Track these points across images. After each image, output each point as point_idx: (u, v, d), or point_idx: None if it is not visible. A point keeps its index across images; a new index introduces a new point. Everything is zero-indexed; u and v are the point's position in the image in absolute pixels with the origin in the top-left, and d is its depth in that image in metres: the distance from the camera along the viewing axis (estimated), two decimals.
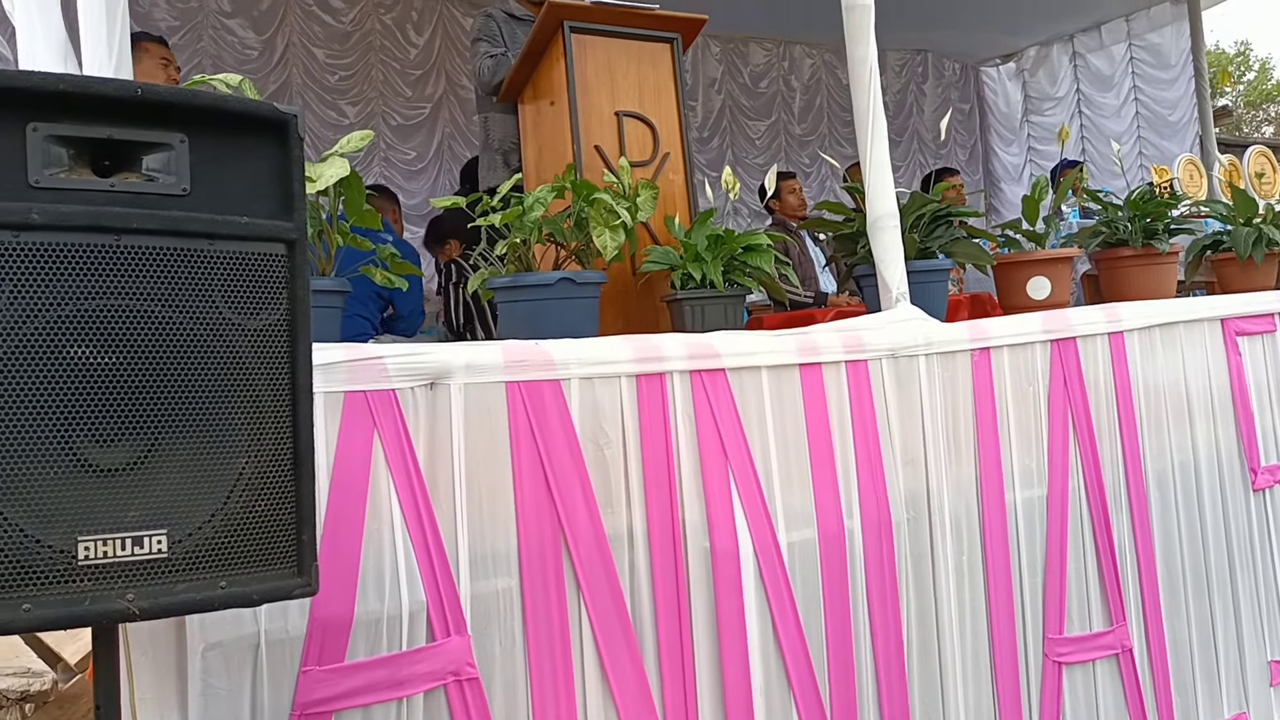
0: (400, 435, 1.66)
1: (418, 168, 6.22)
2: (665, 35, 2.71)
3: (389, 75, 6.11)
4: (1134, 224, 2.93)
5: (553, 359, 1.85)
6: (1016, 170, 8.39)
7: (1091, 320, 2.56)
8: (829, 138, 7.80)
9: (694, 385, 2.01)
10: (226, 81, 1.65)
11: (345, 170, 1.67)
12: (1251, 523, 2.82)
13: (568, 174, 2.21)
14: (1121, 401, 2.58)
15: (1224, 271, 3.26)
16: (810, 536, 2.11)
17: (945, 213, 2.65)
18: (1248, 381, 2.86)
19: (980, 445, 2.36)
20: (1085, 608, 2.47)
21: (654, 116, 2.68)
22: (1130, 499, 2.56)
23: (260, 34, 5.72)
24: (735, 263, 2.40)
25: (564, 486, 1.82)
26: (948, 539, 2.28)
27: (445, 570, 1.67)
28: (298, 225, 1.11)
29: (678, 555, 1.95)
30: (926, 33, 7.66)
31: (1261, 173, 3.82)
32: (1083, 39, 7.91)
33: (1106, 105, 7.76)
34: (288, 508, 1.09)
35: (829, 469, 2.16)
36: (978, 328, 2.41)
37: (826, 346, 2.19)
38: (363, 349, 1.66)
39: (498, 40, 3.14)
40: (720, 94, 7.40)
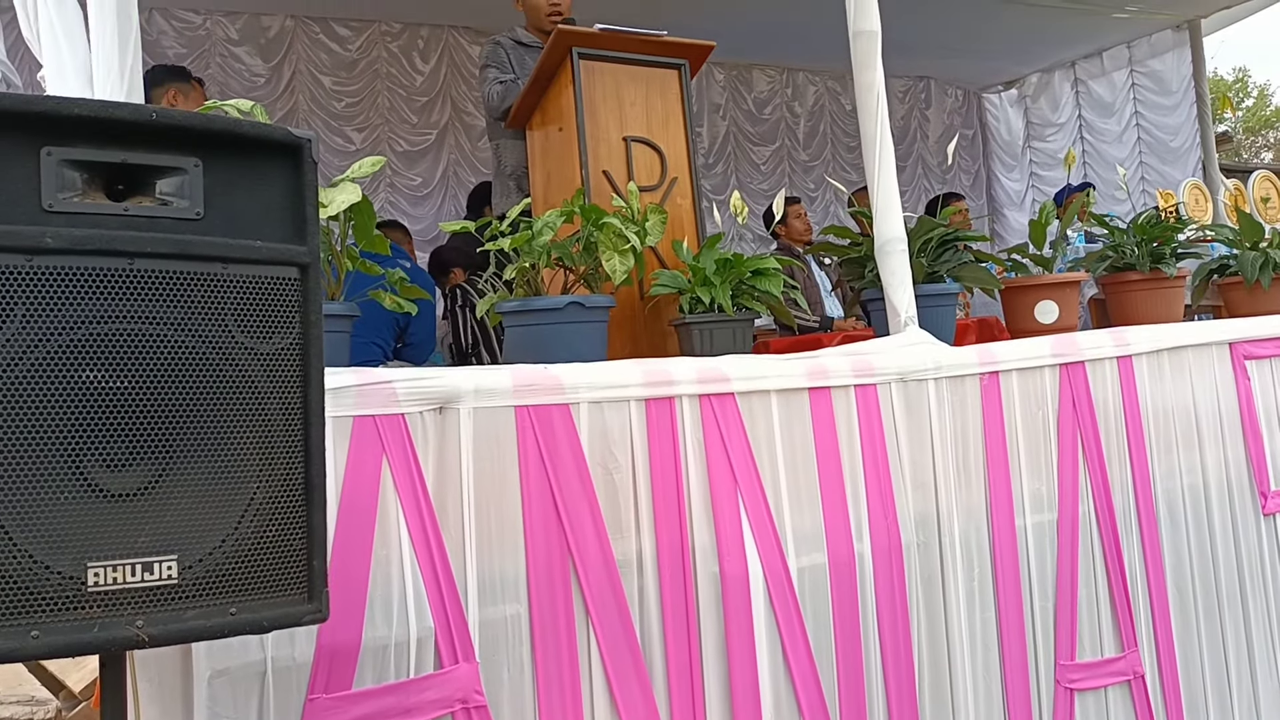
0: (409, 460, 1.65)
1: (423, 193, 6.25)
2: (673, 62, 2.73)
3: (395, 102, 6.15)
4: (1141, 248, 2.92)
5: (562, 383, 1.85)
6: (1019, 196, 8.41)
7: (1100, 344, 2.55)
8: (833, 163, 7.82)
9: (703, 409, 2.00)
10: (239, 107, 1.66)
11: (357, 196, 1.68)
12: (1262, 546, 2.80)
13: (576, 198, 2.21)
14: (1131, 425, 2.57)
15: (1231, 296, 3.25)
16: (820, 561, 2.10)
17: (953, 237, 2.65)
18: (1256, 405, 2.84)
19: (990, 469, 2.35)
20: (1096, 633, 2.45)
21: (661, 142, 2.69)
22: (1140, 523, 2.54)
23: (267, 61, 5.77)
24: (744, 286, 2.40)
25: (573, 512, 1.81)
26: (958, 563, 2.27)
27: (454, 596, 1.66)
28: (311, 249, 1.11)
29: (687, 581, 1.93)
30: (929, 60, 7.70)
31: (1267, 197, 3.82)
32: (1084, 65, 7.95)
33: (1108, 131, 7.79)
34: (299, 533, 1.08)
35: (839, 493, 2.15)
36: (986, 352, 2.40)
37: (836, 370, 2.19)
38: (372, 373, 1.66)
39: (506, 67, 3.16)
40: (725, 120, 7.44)
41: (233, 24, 5.68)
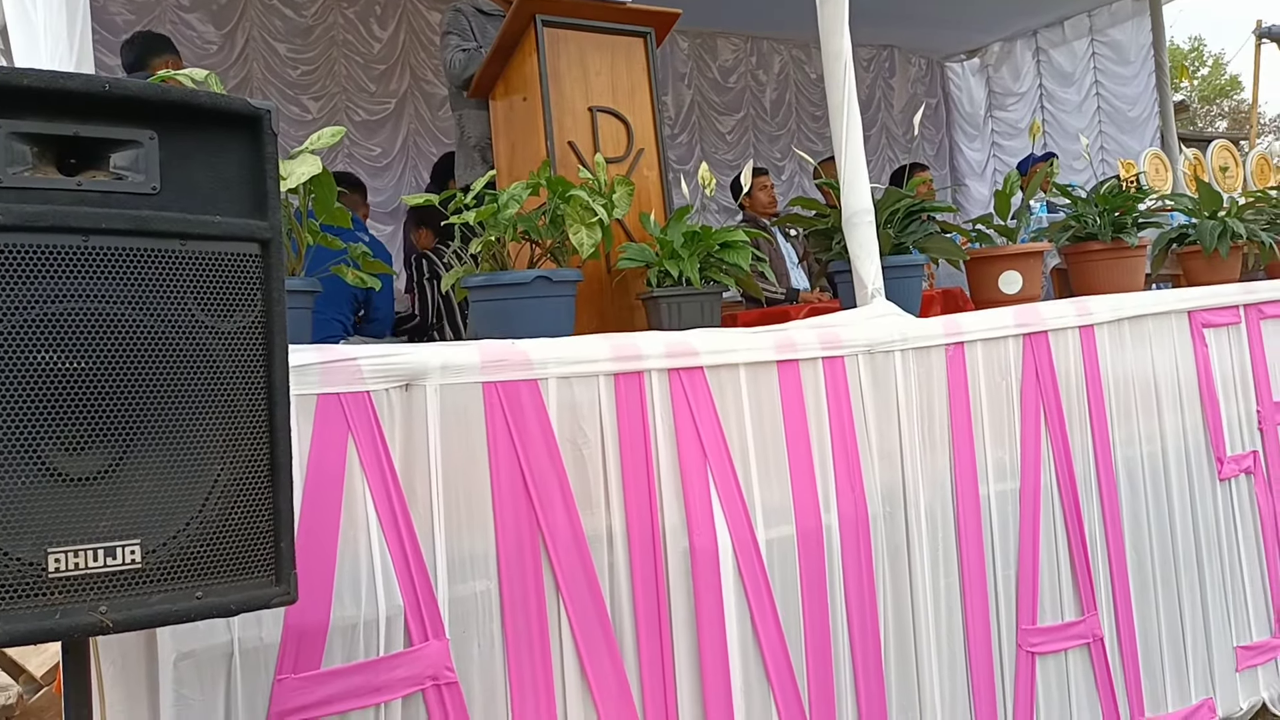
0: (375, 438, 1.63)
1: (383, 164, 6.15)
2: (639, 29, 2.69)
3: (352, 70, 6.04)
4: (1103, 218, 2.95)
5: (530, 359, 1.83)
6: (980, 166, 8.45)
7: (1062, 314, 2.58)
8: (798, 133, 7.81)
9: (672, 383, 2.00)
10: (192, 76, 1.61)
11: (317, 168, 1.64)
12: (1218, 511, 2.85)
13: (543, 170, 2.18)
14: (1092, 393, 2.60)
15: (1190, 264, 3.29)
16: (789, 533, 2.11)
17: (919, 208, 2.65)
18: (1214, 373, 2.89)
19: (955, 439, 2.37)
20: (1057, 598, 2.49)
21: (628, 112, 2.66)
22: (1100, 489, 2.58)
23: (220, 28, 5.63)
24: (712, 260, 2.39)
25: (542, 487, 1.80)
26: (923, 533, 2.29)
27: (423, 574, 1.64)
28: (272, 224, 1.08)
29: (657, 555, 1.94)
30: (893, 28, 7.69)
31: (1225, 166, 3.87)
32: (1046, 34, 7.98)
33: (1068, 101, 7.84)
34: (265, 515, 1.06)
35: (806, 465, 2.16)
36: (952, 323, 2.42)
37: (804, 343, 2.19)
38: (336, 350, 1.63)
39: (468, 35, 3.09)
40: (690, 89, 7.39)
41: None
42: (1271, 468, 3.00)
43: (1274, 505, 2.99)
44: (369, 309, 3.83)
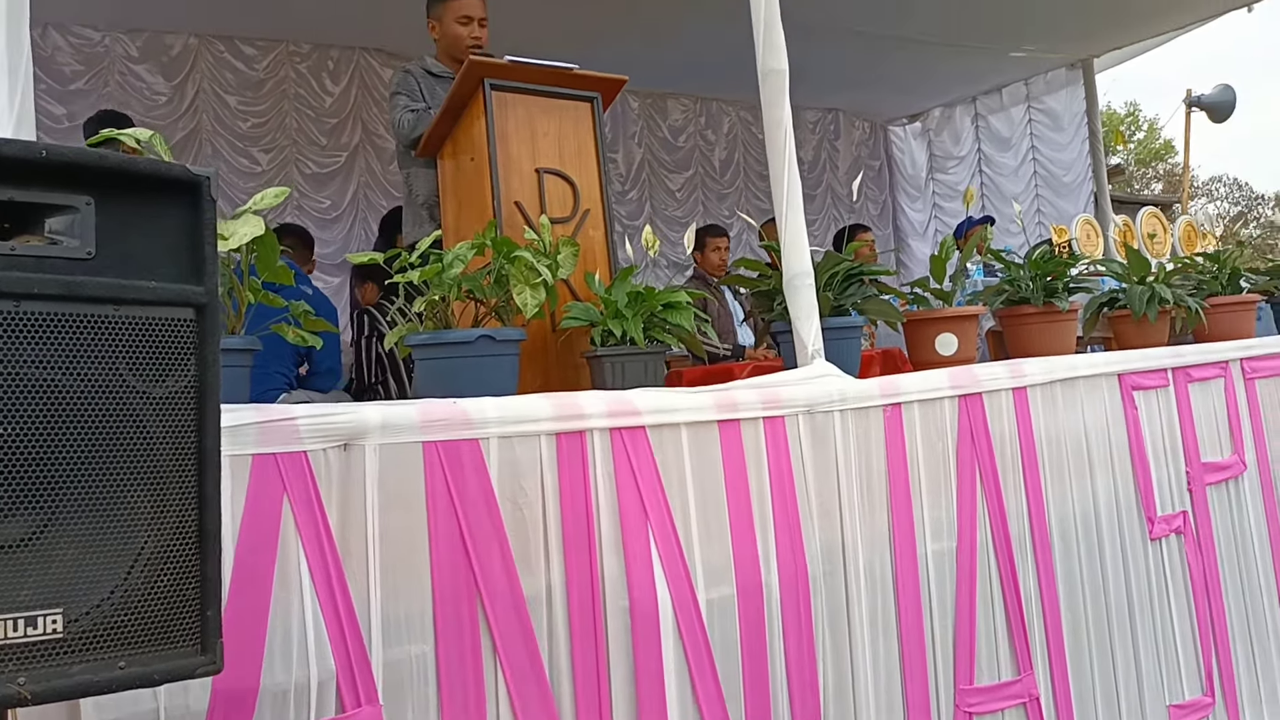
0: (311, 498, 1.62)
1: (332, 216, 6.15)
2: (585, 94, 2.74)
3: (303, 123, 6.05)
4: (1035, 282, 3.04)
5: (470, 418, 1.83)
6: (922, 226, 8.66)
7: (996, 375, 2.64)
8: (746, 192, 7.95)
9: (614, 443, 2.01)
10: (136, 137, 1.61)
11: (260, 229, 1.65)
12: (1150, 571, 2.91)
13: (488, 230, 2.21)
14: (1026, 454, 2.65)
15: (1120, 328, 3.39)
16: (729, 593, 2.11)
17: (858, 271, 2.71)
18: (1144, 434, 2.97)
19: (893, 498, 2.40)
20: (994, 657, 2.52)
21: (574, 174, 2.70)
22: (1035, 549, 2.62)
23: (169, 80, 5.62)
24: (655, 319, 2.42)
25: (481, 547, 1.79)
26: (862, 592, 2.31)
27: (356, 637, 1.62)
28: (209, 289, 1.08)
29: (596, 614, 1.93)
30: (838, 93, 7.91)
31: (1153, 233, 4.01)
32: (984, 101, 8.25)
33: (1006, 165, 8.09)
34: (191, 583, 1.05)
35: (747, 524, 2.18)
36: (889, 383, 2.46)
37: (745, 403, 2.22)
38: (274, 410, 1.62)
39: (417, 95, 3.13)
40: (640, 147, 7.51)
41: (134, 41, 5.53)
42: (1201, 528, 3.08)
43: (1204, 565, 3.06)
44: (312, 363, 3.80)
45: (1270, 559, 3.26)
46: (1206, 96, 9.46)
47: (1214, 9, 6.59)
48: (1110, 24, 6.70)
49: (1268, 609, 3.22)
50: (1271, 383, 3.43)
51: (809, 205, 8.05)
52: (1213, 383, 3.24)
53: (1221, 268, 3.65)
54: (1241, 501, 3.23)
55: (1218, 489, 3.17)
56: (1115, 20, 6.60)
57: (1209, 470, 3.14)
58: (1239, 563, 3.17)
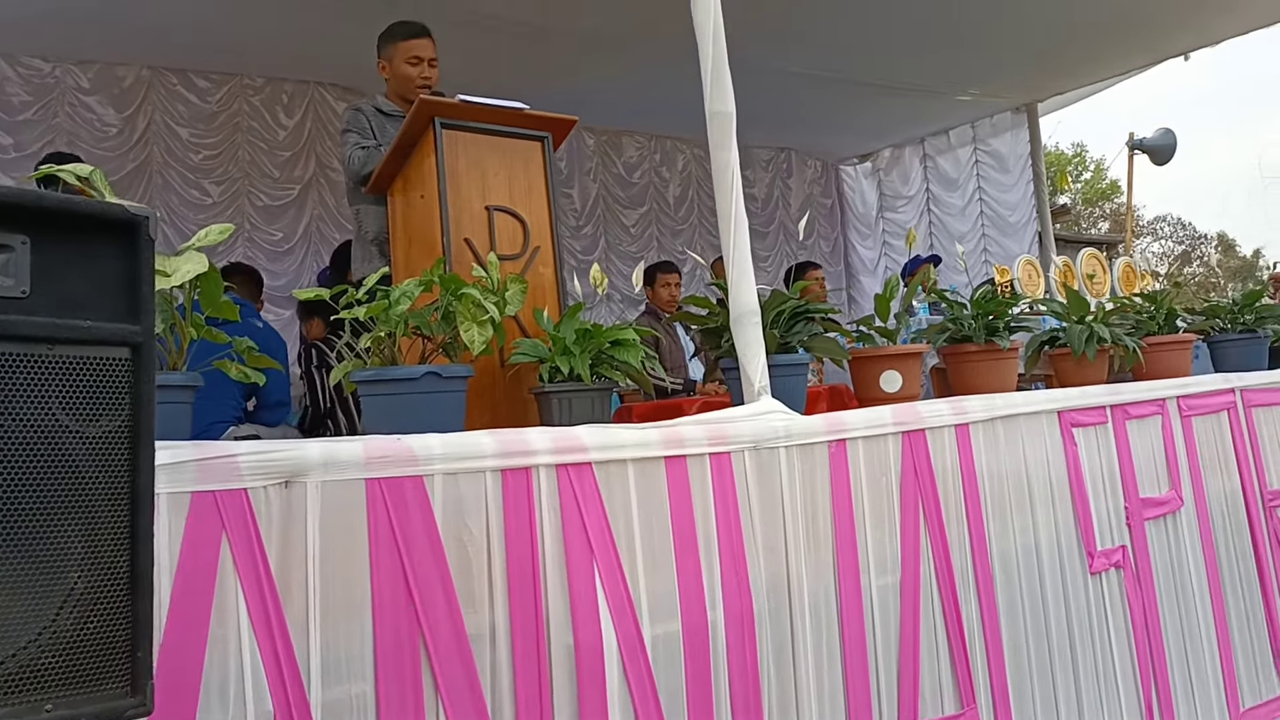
0: (251, 536, 1.61)
1: (284, 249, 6.12)
2: (536, 134, 2.77)
3: (256, 156, 6.03)
4: (978, 321, 3.10)
5: (416, 454, 1.83)
6: (872, 264, 8.81)
7: (939, 412, 2.69)
8: (700, 228, 8.03)
9: (560, 479, 2.02)
10: (76, 172, 1.61)
11: (203, 266, 1.65)
12: (1090, 605, 2.96)
13: (436, 268, 2.22)
14: (968, 489, 2.70)
15: (1060, 366, 3.47)
16: (674, 629, 2.12)
17: (804, 310, 2.76)
18: (1083, 470, 3.03)
19: (837, 533, 2.43)
20: (938, 691, 2.54)
21: (525, 211, 2.72)
22: (978, 583, 2.66)
23: (120, 112, 5.58)
24: (603, 356, 2.44)
25: (424, 586, 1.79)
26: (807, 627, 2.33)
27: (295, 677, 1.61)
28: (145, 329, 1.08)
29: (541, 652, 1.93)
30: (790, 132, 8.05)
31: (1093, 274, 4.11)
32: (933, 142, 8.44)
33: (953, 205, 8.27)
34: (122, 625, 1.04)
35: (693, 561, 2.19)
36: (834, 420, 2.50)
37: (692, 439, 2.24)
38: (213, 447, 1.61)
39: (367, 133, 3.15)
40: (595, 183, 7.57)
41: (85, 73, 5.49)
42: (1140, 562, 3.14)
43: (1143, 598, 3.12)
44: (260, 397, 3.77)
45: (1207, 592, 3.33)
46: (1148, 139, 9.75)
47: (1151, 57, 6.82)
48: (1053, 70, 6.91)
49: (1205, 641, 3.28)
50: (1208, 420, 3.52)
51: (762, 242, 8.15)
52: (1150, 420, 3.32)
53: (1158, 308, 3.75)
54: (1179, 536, 3.30)
55: (1156, 524, 3.24)
56: (1057, 66, 6.81)
57: (1147, 505, 3.21)
58: (1177, 596, 3.24)
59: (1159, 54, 6.72)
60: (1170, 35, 6.26)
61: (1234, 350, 3.93)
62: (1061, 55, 6.50)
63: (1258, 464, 3.62)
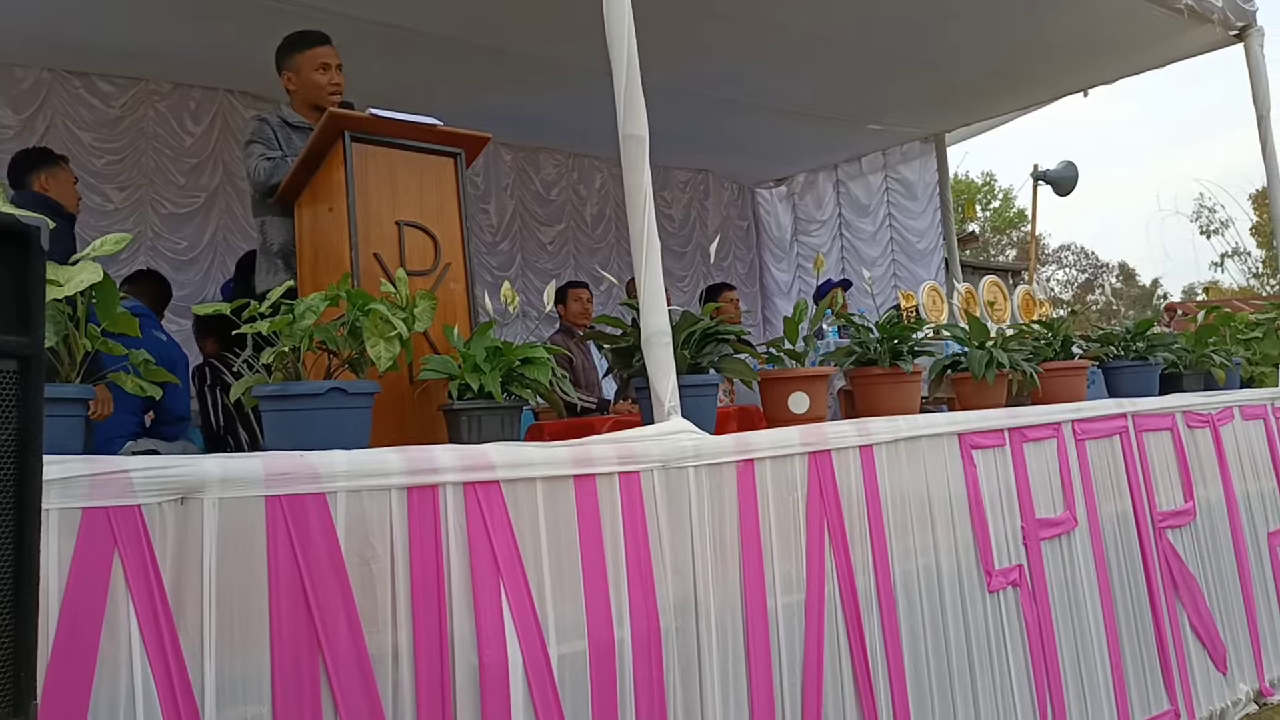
0: (144, 554, 1.57)
1: (188, 258, 5.95)
2: (449, 150, 2.76)
3: (161, 162, 5.87)
4: (883, 345, 3.18)
5: (318, 471, 1.81)
6: (787, 286, 8.96)
7: (844, 433, 2.75)
8: (616, 247, 8.06)
9: (467, 497, 2.01)
10: None
11: (97, 276, 1.60)
12: (988, 622, 3.05)
13: (343, 282, 2.19)
14: (872, 509, 2.76)
15: (962, 389, 3.58)
16: (581, 648, 2.12)
17: (714, 332, 2.79)
18: (982, 491, 3.12)
19: (744, 553, 2.46)
20: (841, 708, 2.58)
21: (436, 227, 2.70)
22: (880, 602, 2.72)
23: (19, 113, 5.38)
24: (514, 374, 2.43)
25: (325, 605, 1.76)
26: (714, 646, 2.35)
27: (189, 699, 1.57)
28: (34, 340, 1.05)
29: (444, 673, 1.91)
30: (707, 155, 8.16)
31: (994, 301, 4.25)
32: (845, 168, 8.65)
33: (864, 230, 8.47)
34: (4, 645, 1.00)
35: (600, 580, 2.19)
36: (742, 440, 2.53)
37: (601, 458, 2.25)
38: (106, 461, 1.57)
39: (273, 144, 3.09)
40: (513, 199, 7.54)
41: None
42: (1036, 580, 3.24)
43: (1038, 615, 3.22)
44: (160, 410, 3.66)
45: (1100, 609, 3.45)
46: (1051, 171, 10.11)
47: (1052, 93, 7.09)
48: (959, 102, 7.14)
49: (1098, 657, 3.40)
50: (1101, 443, 3.66)
51: (679, 262, 8.22)
52: (1046, 443, 3.44)
53: (1055, 334, 3.90)
54: (1073, 555, 3.42)
55: (1051, 544, 3.35)
56: (963, 99, 7.04)
57: (1043, 526, 3.32)
58: (1071, 613, 3.35)
59: (1058, 89, 7.00)
60: (1069, 72, 6.53)
61: (1127, 376, 4.10)
62: (967, 89, 6.73)
63: (1148, 486, 3.78)
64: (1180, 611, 3.76)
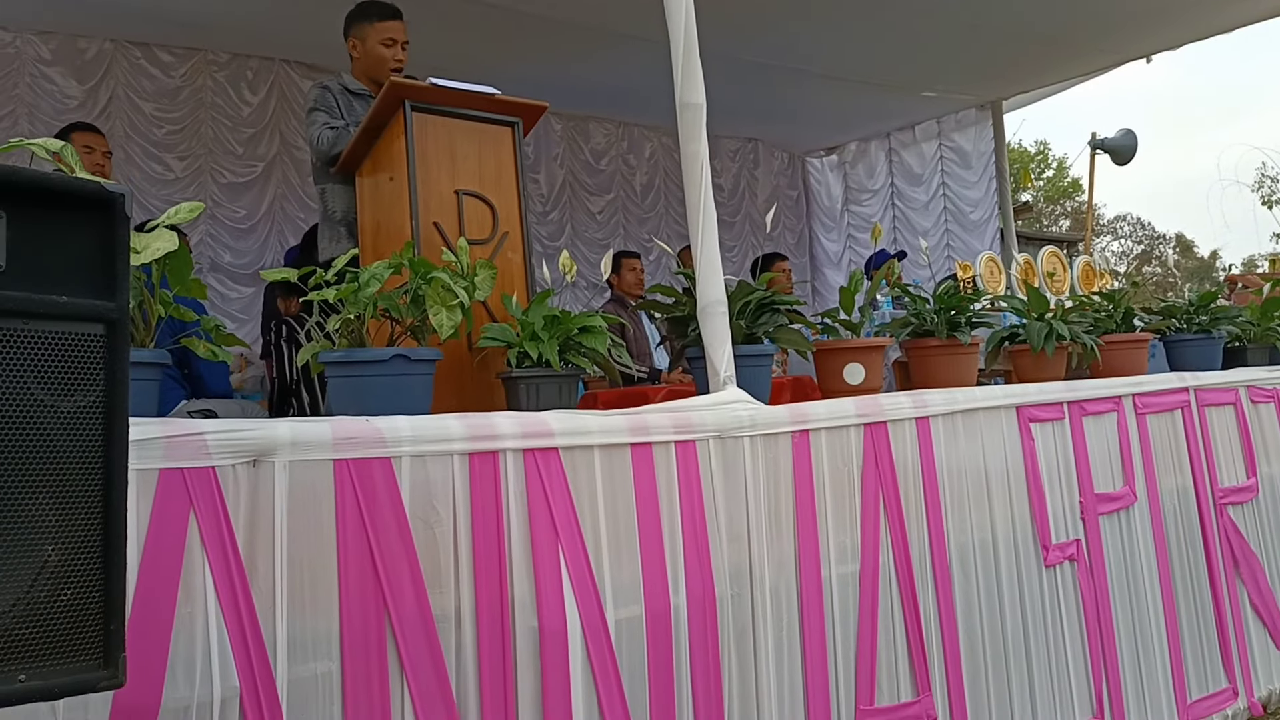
0: (219, 514, 1.61)
1: (246, 226, 6.05)
2: (506, 119, 2.77)
3: (220, 132, 5.96)
4: (939, 316, 3.15)
5: (384, 436, 1.84)
6: (837, 256, 8.87)
7: (900, 405, 2.73)
8: (666, 216, 8.04)
9: (527, 464, 2.03)
10: (47, 146, 1.59)
11: (173, 244, 1.64)
12: (1044, 597, 3.03)
13: (406, 251, 2.21)
14: (927, 482, 2.75)
15: (1019, 362, 3.53)
16: (638, 613, 2.15)
17: (770, 301, 2.78)
18: (1040, 465, 3.09)
19: (799, 523, 2.46)
20: (894, 679, 2.59)
21: (494, 196, 2.72)
22: (935, 574, 2.71)
23: (83, 84, 5.49)
24: (571, 342, 2.45)
25: (391, 566, 1.79)
26: (768, 614, 2.36)
27: (261, 655, 1.62)
28: (120, 305, 1.08)
29: (505, 635, 1.95)
30: (757, 124, 8.07)
31: (1053, 271, 4.18)
32: (898, 136, 8.51)
33: (917, 200, 8.34)
34: (95, 597, 1.04)
35: (657, 546, 2.21)
36: (798, 411, 2.53)
37: (657, 427, 2.26)
38: (181, 424, 1.61)
39: (335, 112, 3.12)
40: (562, 169, 7.55)
41: (46, 44, 5.39)
42: (1093, 555, 3.21)
43: (1095, 591, 3.19)
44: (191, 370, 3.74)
45: (1158, 586, 3.41)
46: (1109, 139, 9.86)
47: (1114, 59, 6.92)
48: (1017, 69, 6.99)
49: (1155, 634, 3.36)
50: (1162, 418, 3.60)
51: (728, 232, 8.18)
52: (1106, 417, 3.39)
53: (1116, 307, 3.83)
54: (1132, 531, 3.38)
55: (1109, 519, 3.31)
56: (1021, 66, 6.89)
57: (1101, 500, 3.28)
58: (1129, 590, 3.31)
59: (1121, 56, 6.82)
60: (1132, 38, 6.36)
61: (1189, 350, 4.02)
62: (1025, 55, 6.58)
63: (1209, 462, 3.71)
64: (1240, 589, 3.70)
